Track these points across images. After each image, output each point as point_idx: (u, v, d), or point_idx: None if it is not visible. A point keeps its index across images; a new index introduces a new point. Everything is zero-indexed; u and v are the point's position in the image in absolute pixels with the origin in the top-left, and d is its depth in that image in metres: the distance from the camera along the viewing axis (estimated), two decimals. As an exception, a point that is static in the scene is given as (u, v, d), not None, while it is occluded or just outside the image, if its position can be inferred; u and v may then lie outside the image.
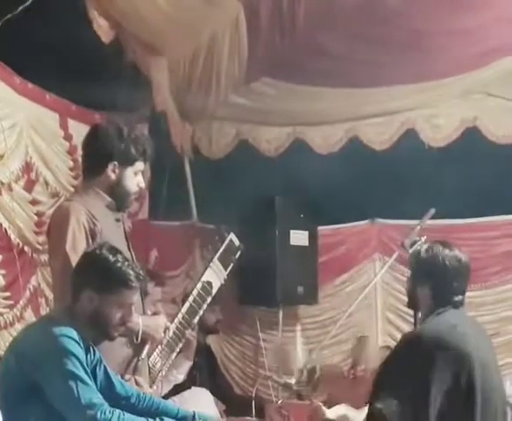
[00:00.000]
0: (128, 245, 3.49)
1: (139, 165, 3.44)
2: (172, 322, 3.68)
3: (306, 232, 6.50)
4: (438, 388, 3.06)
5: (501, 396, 3.30)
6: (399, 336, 5.70)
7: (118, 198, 3.42)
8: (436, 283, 3.26)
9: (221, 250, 4.01)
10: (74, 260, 3.10)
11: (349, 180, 6.28)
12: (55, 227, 3.34)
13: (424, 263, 3.29)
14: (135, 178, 3.43)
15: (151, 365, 3.52)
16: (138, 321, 3.27)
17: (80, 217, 3.26)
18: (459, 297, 3.29)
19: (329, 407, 3.75)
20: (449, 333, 3.17)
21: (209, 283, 3.95)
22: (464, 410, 3.10)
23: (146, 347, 3.43)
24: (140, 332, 3.30)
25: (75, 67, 4.68)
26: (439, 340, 3.14)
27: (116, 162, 3.37)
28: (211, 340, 6.05)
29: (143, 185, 3.50)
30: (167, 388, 4.55)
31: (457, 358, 3.12)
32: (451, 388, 3.08)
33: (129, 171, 3.40)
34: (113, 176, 3.38)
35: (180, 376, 4.91)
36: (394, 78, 6.15)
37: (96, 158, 3.40)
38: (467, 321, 3.36)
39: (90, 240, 3.26)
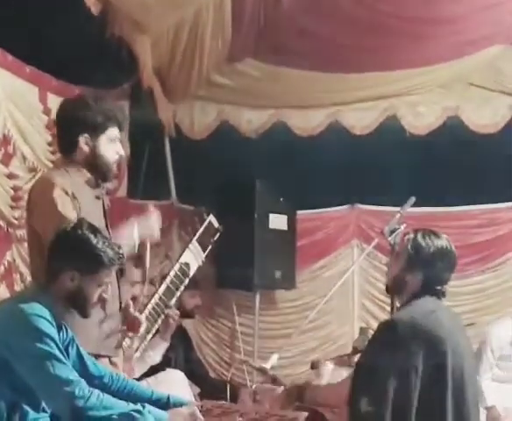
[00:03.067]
0: (106, 223, 3.43)
1: (113, 131, 3.34)
2: (148, 303, 3.65)
3: (285, 216, 6.48)
4: (415, 374, 3.08)
5: (474, 387, 3.32)
6: (374, 323, 5.73)
7: (99, 170, 3.33)
8: (430, 272, 3.27)
9: (200, 231, 3.98)
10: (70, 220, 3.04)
11: (329, 164, 6.26)
12: (39, 196, 3.26)
13: (422, 250, 3.27)
14: (111, 145, 3.34)
15: (126, 345, 3.47)
16: (133, 233, 3.22)
17: (64, 188, 3.19)
18: (444, 287, 3.32)
19: None
20: (424, 318, 3.19)
21: (187, 265, 3.93)
22: (435, 395, 3.12)
23: (148, 252, 3.34)
24: (137, 242, 3.24)
25: (56, 40, 4.61)
26: (414, 325, 3.16)
27: (86, 134, 3.28)
28: (187, 323, 6.01)
29: (122, 152, 3.40)
30: (143, 370, 4.51)
31: (430, 342, 3.14)
32: (423, 373, 3.10)
33: (102, 139, 3.31)
34: (87, 149, 3.30)
35: (156, 357, 4.87)
36: (378, 64, 6.13)
37: (67, 133, 3.33)
38: (444, 309, 3.37)
39: None
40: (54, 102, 5.14)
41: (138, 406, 2.78)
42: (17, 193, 4.82)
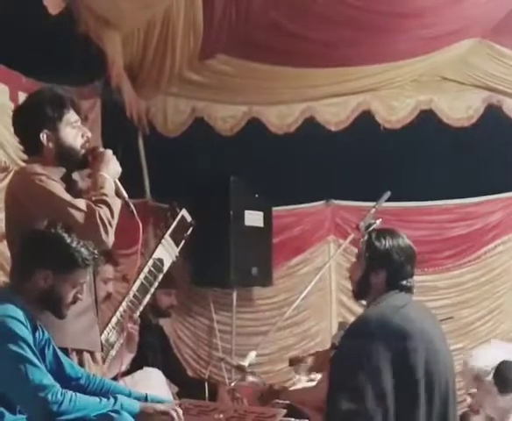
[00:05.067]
0: None
1: (69, 116, 3.17)
2: (123, 300, 3.61)
3: (261, 213, 6.45)
4: (387, 370, 3.11)
5: (450, 381, 3.32)
6: (352, 318, 5.72)
7: (66, 159, 3.16)
8: (391, 269, 3.33)
9: (173, 226, 3.96)
10: (80, 208, 2.96)
11: (304, 160, 6.26)
12: (23, 188, 3.07)
13: (380, 251, 3.34)
14: (73, 130, 3.17)
15: (103, 341, 3.43)
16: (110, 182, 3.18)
17: (47, 174, 3.04)
18: (410, 281, 3.38)
19: None
20: (392, 314, 3.23)
21: (161, 260, 3.90)
22: (407, 390, 3.14)
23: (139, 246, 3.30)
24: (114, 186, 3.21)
25: (26, 38, 4.55)
26: (383, 321, 3.21)
27: (45, 130, 3.12)
28: (164, 321, 5.97)
29: (89, 134, 3.23)
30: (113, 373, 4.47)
31: (399, 338, 3.17)
32: (394, 369, 3.13)
33: (61, 127, 3.14)
34: (51, 144, 3.13)
35: (122, 367, 4.83)
36: (352, 59, 6.13)
37: (27, 137, 3.18)
38: (414, 305, 3.42)
39: None
40: (25, 100, 5.08)
41: (111, 401, 2.74)
42: (-11, 194, 4.72)
